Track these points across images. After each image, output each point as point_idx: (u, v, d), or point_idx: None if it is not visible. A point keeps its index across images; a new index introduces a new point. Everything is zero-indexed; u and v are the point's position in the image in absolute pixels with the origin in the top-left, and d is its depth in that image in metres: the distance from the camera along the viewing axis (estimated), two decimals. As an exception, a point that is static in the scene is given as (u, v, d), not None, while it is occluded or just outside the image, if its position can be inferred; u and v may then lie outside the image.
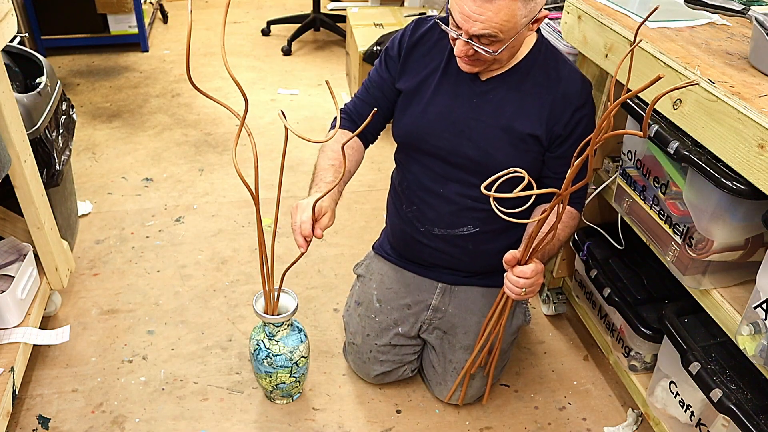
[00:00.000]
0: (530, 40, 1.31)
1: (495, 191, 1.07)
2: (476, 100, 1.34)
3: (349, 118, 1.49)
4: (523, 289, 1.25)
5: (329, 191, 1.24)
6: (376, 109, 1.14)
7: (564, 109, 1.30)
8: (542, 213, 1.16)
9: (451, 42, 1.25)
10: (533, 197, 1.10)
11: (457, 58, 1.27)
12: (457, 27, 1.19)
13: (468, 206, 1.41)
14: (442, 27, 1.28)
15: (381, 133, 1.54)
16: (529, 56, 1.31)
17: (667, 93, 0.87)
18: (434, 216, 1.45)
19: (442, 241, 1.48)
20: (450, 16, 1.21)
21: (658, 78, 0.85)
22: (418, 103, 1.38)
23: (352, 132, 1.45)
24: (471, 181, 1.38)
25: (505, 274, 1.27)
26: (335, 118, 1.44)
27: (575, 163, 1.09)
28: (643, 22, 1.02)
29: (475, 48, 1.20)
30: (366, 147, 1.52)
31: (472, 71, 1.29)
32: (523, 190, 1.07)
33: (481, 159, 1.35)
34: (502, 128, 1.32)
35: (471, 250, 1.47)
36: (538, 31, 1.33)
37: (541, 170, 1.38)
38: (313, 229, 1.23)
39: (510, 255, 1.24)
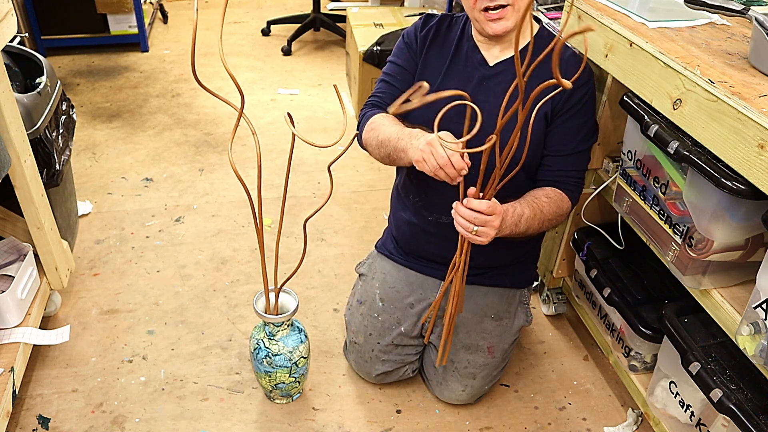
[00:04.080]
0: (532, 29, 1.34)
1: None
2: (485, 83, 1.38)
3: (381, 108, 1.46)
4: (474, 227, 1.19)
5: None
6: (424, 83, 1.06)
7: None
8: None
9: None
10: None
11: (484, 18, 1.29)
12: None
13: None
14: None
15: None
16: (533, 41, 1.33)
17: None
18: (441, 201, 1.44)
19: (450, 230, 1.46)
20: None
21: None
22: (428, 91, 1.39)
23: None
24: (479, 165, 1.38)
25: (454, 204, 1.23)
26: (360, 121, 1.46)
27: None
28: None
29: None
30: None
31: (500, 27, 1.29)
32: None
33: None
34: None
35: None
36: (540, 22, 1.38)
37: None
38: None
39: (472, 188, 1.21)
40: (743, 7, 1.27)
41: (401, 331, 1.57)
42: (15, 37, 1.83)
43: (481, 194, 1.23)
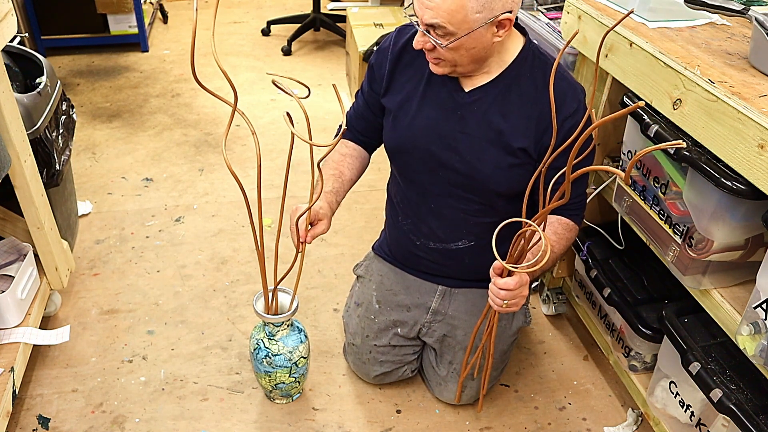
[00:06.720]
0: (514, 47, 1.26)
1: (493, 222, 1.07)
2: (461, 112, 1.30)
3: (349, 127, 1.50)
4: (505, 301, 1.21)
5: (319, 193, 1.27)
6: (345, 128, 1.18)
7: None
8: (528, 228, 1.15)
9: None
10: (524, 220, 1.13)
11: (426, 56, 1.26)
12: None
13: (461, 219, 1.40)
14: (410, 19, 1.26)
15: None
16: (513, 65, 1.26)
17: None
18: (428, 231, 1.45)
19: (439, 254, 1.48)
20: None
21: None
22: (404, 115, 1.36)
23: (352, 141, 1.49)
24: (460, 194, 1.37)
25: (490, 284, 1.23)
26: (340, 126, 1.44)
27: (556, 193, 1.08)
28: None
29: (431, 40, 1.18)
30: (370, 154, 1.53)
31: (438, 71, 1.26)
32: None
33: (469, 172, 1.32)
34: (489, 141, 1.29)
35: (467, 263, 1.47)
36: (526, 34, 1.28)
37: (532, 183, 1.34)
38: (306, 235, 1.30)
39: (498, 263, 1.21)
40: (743, 7, 1.27)
41: (398, 332, 1.57)
42: (15, 37, 1.83)
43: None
